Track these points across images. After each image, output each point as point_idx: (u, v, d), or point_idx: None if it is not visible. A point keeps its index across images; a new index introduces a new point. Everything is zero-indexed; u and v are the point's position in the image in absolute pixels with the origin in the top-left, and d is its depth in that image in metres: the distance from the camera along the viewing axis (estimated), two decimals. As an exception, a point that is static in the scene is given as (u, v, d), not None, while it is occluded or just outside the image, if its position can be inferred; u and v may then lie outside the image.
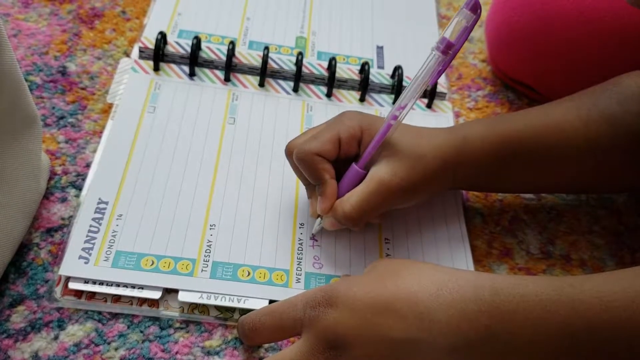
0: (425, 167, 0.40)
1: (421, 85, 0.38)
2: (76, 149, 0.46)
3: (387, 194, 0.39)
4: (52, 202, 0.43)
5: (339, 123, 0.41)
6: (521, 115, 0.44)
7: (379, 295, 0.32)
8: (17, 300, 0.38)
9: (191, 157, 0.46)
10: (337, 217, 0.40)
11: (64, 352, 0.37)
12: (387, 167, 0.39)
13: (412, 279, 0.33)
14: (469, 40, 0.61)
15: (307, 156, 0.39)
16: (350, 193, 0.40)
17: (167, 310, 0.39)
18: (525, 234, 0.47)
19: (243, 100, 0.51)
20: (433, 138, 0.41)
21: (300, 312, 0.34)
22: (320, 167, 0.39)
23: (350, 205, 0.39)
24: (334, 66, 0.52)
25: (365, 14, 0.61)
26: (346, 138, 0.40)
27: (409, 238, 0.45)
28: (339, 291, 0.33)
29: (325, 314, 0.33)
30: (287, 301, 0.35)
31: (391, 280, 0.33)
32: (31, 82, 0.49)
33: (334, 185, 0.40)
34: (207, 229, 0.42)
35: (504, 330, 0.31)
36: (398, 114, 0.39)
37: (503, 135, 0.42)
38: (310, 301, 0.34)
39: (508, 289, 0.31)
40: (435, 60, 0.37)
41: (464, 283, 0.32)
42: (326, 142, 0.39)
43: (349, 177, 0.41)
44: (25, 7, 0.55)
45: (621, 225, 0.49)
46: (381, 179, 0.39)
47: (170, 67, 0.52)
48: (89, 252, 0.40)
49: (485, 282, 0.32)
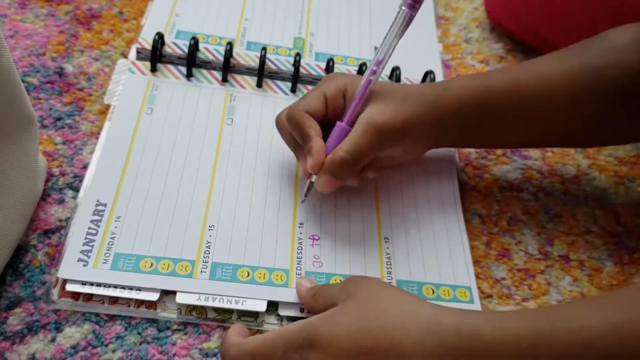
0: (411, 109, 0.41)
1: (394, 40, 0.41)
2: (73, 150, 0.46)
3: (376, 133, 0.40)
4: (49, 204, 0.43)
5: (323, 83, 0.43)
6: (503, 70, 0.45)
7: (362, 339, 0.32)
8: (14, 302, 0.38)
9: (189, 158, 0.46)
10: (332, 168, 0.40)
11: (62, 354, 0.36)
12: (373, 109, 0.41)
13: (396, 321, 0.32)
14: (467, 41, 0.61)
15: (296, 113, 0.41)
16: (341, 143, 0.41)
17: (164, 312, 0.39)
18: (524, 235, 0.47)
19: (241, 101, 0.51)
20: (414, 86, 0.43)
21: (281, 355, 0.33)
22: (308, 124, 0.41)
23: (343, 150, 0.40)
24: (332, 67, 0.52)
25: (363, 15, 0.61)
26: (331, 92, 0.42)
27: (408, 237, 0.45)
28: (320, 332, 0.33)
29: (307, 357, 0.32)
30: (266, 340, 0.34)
31: (374, 319, 0.33)
32: (28, 83, 0.49)
33: (320, 142, 0.41)
34: (206, 229, 0.42)
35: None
36: (376, 68, 0.41)
37: (483, 87, 0.42)
38: (291, 343, 0.33)
39: (490, 335, 0.31)
40: (402, 14, 0.41)
41: (446, 330, 0.32)
42: (313, 99, 0.42)
43: (335, 135, 0.42)
44: (22, 8, 0.55)
45: (619, 226, 0.49)
46: (369, 119, 0.40)
47: (168, 68, 0.52)
48: (87, 255, 0.40)
49: (467, 327, 0.32)
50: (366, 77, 0.41)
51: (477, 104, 0.42)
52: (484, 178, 0.50)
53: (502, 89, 0.42)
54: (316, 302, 0.38)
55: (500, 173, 0.51)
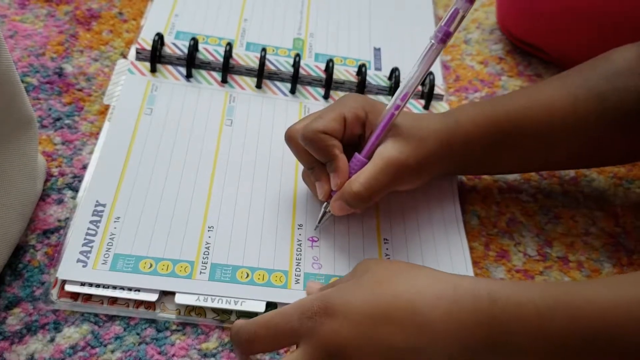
0: (429, 149, 0.41)
1: (422, 75, 0.40)
2: (73, 150, 0.46)
3: (395, 172, 0.40)
4: (48, 204, 0.43)
5: (343, 104, 0.41)
6: (511, 97, 0.45)
7: (377, 305, 0.32)
8: (13, 302, 0.38)
9: (189, 159, 0.46)
10: (346, 197, 0.40)
11: (60, 355, 0.36)
12: (393, 146, 0.40)
13: (410, 287, 0.33)
14: (467, 42, 0.61)
15: (315, 134, 0.40)
16: (357, 173, 0.40)
17: (163, 313, 0.39)
18: (523, 236, 0.47)
19: (240, 102, 0.51)
20: (431, 122, 0.43)
21: (297, 323, 0.33)
22: (330, 144, 0.40)
23: (359, 183, 0.39)
24: (332, 68, 0.52)
25: (363, 16, 0.61)
26: (351, 118, 0.41)
27: (408, 239, 0.45)
28: (335, 300, 0.33)
29: (323, 324, 0.32)
30: (280, 312, 0.34)
31: (388, 286, 0.33)
32: (27, 84, 0.49)
33: (345, 160, 0.40)
34: (206, 230, 0.42)
35: (502, 339, 0.31)
36: (400, 103, 0.40)
37: (492, 117, 0.43)
38: (307, 311, 0.33)
39: (505, 298, 0.31)
40: (434, 49, 0.39)
41: (462, 293, 0.32)
42: (332, 121, 0.40)
43: (352, 166, 0.41)
44: (21, 8, 0.55)
45: (618, 227, 0.49)
46: (390, 157, 0.40)
47: (167, 69, 0.52)
48: (87, 255, 0.40)
49: (483, 291, 0.32)
50: (390, 110, 0.40)
51: (485, 137, 0.43)
52: (483, 179, 0.50)
53: (510, 120, 0.42)
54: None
55: (499, 174, 0.51)
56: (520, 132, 0.43)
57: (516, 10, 0.59)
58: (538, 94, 0.44)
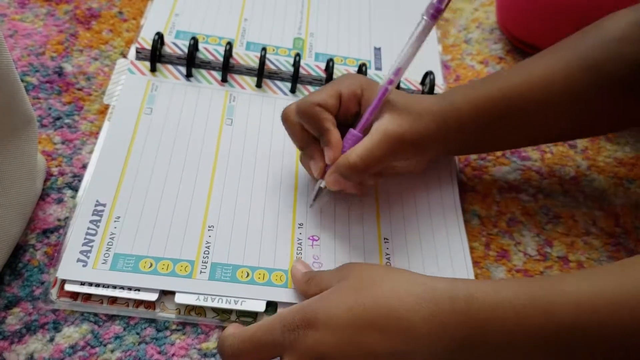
0: (425, 126, 0.41)
1: (413, 50, 0.40)
2: (72, 150, 0.46)
3: (392, 145, 0.40)
4: (48, 203, 0.43)
5: (340, 82, 0.42)
6: (504, 75, 0.44)
7: (359, 312, 0.32)
8: (12, 301, 0.38)
9: (189, 159, 0.46)
10: (342, 169, 0.40)
11: (60, 354, 0.36)
12: (390, 121, 0.40)
13: (390, 293, 0.33)
14: (467, 42, 0.61)
15: (310, 107, 0.40)
16: (354, 147, 0.40)
17: (163, 312, 0.39)
18: (523, 236, 0.47)
19: (240, 102, 0.51)
20: (426, 101, 0.43)
21: (280, 337, 0.33)
22: (323, 117, 0.40)
23: (356, 154, 0.40)
24: (332, 67, 0.52)
25: (363, 16, 0.61)
26: (347, 94, 0.41)
27: (408, 238, 0.45)
28: (317, 311, 0.33)
29: (306, 336, 0.32)
30: (263, 325, 0.34)
31: (367, 293, 0.33)
32: (27, 83, 0.49)
33: (338, 134, 0.41)
34: (206, 230, 0.42)
35: (481, 339, 0.31)
36: (394, 77, 0.40)
37: (486, 96, 0.43)
38: (289, 324, 0.33)
39: (482, 298, 0.32)
40: (425, 25, 0.39)
41: (440, 294, 0.32)
42: (328, 96, 0.41)
43: (347, 141, 0.41)
44: (21, 8, 0.55)
45: (618, 227, 0.49)
46: (386, 129, 0.40)
47: (167, 68, 0.51)
48: (87, 255, 0.40)
49: (461, 291, 0.32)
50: (384, 85, 0.40)
51: (480, 117, 0.43)
52: (483, 179, 0.50)
53: (504, 98, 0.42)
54: (309, 286, 0.38)
55: (500, 174, 0.51)
56: (516, 110, 0.43)
57: (516, 10, 0.59)
58: (532, 69, 0.43)
